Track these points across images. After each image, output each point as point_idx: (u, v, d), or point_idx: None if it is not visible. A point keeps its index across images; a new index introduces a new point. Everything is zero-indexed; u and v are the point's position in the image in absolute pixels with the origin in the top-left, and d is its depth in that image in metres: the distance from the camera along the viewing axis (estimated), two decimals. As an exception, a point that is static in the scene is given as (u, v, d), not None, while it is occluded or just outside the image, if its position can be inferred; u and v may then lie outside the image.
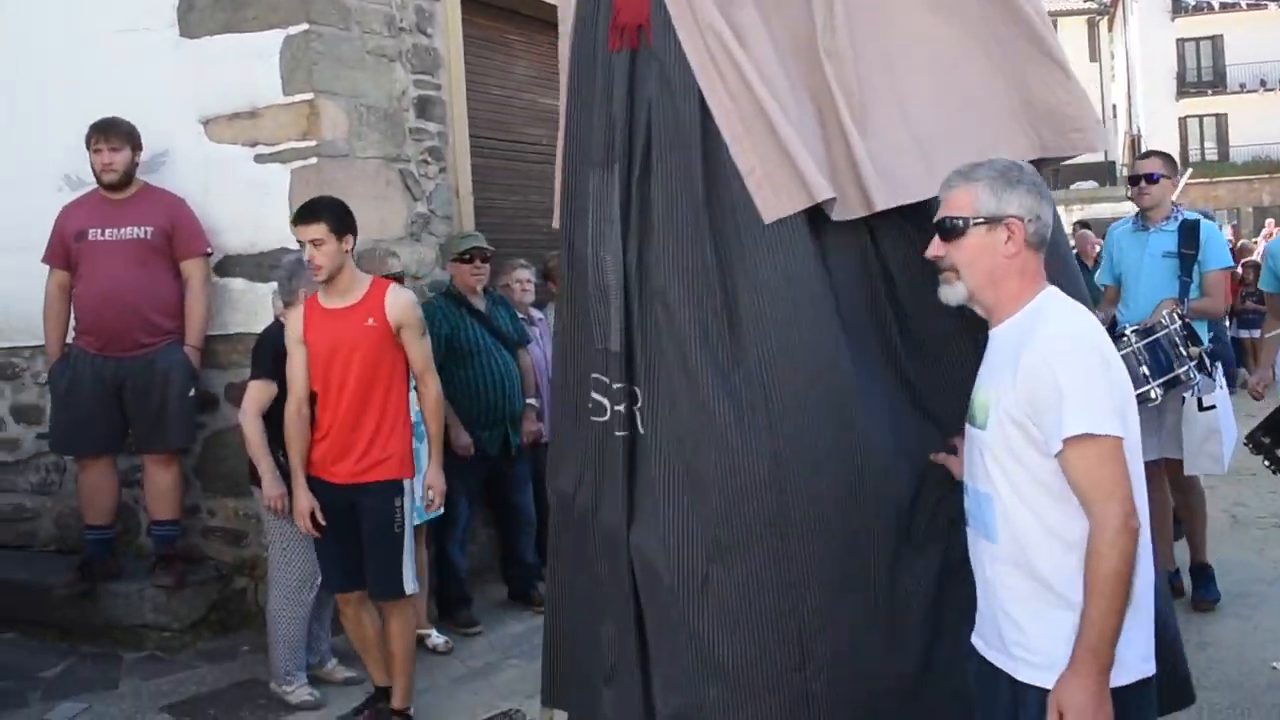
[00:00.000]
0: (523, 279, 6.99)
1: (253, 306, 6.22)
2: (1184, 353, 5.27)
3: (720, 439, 3.35)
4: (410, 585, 4.96)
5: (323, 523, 4.86)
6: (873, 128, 3.50)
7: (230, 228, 6.33)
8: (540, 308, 7.23)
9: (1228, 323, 10.78)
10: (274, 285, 5.69)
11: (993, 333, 2.86)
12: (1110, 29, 50.72)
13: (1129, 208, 6.67)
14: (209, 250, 6.27)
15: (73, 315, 6.26)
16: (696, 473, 3.41)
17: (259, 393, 5.22)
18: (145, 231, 6.09)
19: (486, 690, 5.55)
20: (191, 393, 6.15)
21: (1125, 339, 5.21)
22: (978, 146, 3.27)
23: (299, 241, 4.88)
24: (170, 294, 6.18)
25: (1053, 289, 2.83)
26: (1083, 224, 15.67)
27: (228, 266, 6.36)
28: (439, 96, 6.97)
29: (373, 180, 6.44)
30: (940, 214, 2.88)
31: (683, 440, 3.44)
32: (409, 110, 6.74)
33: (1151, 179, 6.10)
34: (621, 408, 3.57)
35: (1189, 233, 5.96)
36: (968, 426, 2.90)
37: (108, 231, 6.10)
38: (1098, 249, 10.04)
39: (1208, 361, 5.50)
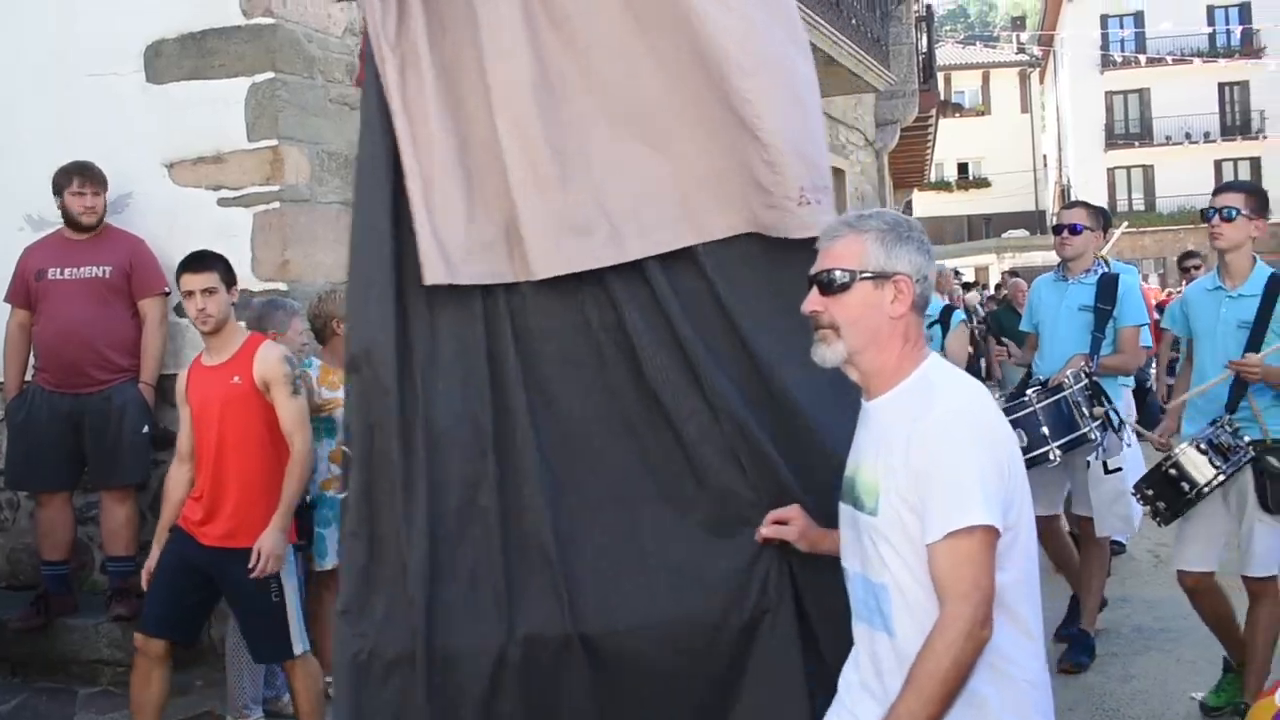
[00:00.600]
0: None
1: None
2: (1087, 412, 5.28)
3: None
4: (299, 646, 4.90)
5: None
6: (571, 182, 3.28)
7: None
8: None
9: (1154, 370, 11.16)
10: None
11: (872, 405, 2.64)
12: (1041, 81, 52.00)
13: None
14: (166, 290, 6.39)
15: (32, 354, 6.36)
16: None
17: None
18: (104, 271, 6.22)
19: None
20: (145, 429, 6.25)
21: (1026, 399, 5.28)
22: (678, 213, 3.23)
23: (184, 292, 4.86)
24: (127, 332, 6.30)
25: (934, 356, 2.64)
26: (1013, 272, 16.13)
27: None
28: (398, 144, 7.16)
29: (333, 224, 6.60)
30: (821, 265, 2.63)
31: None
32: (369, 156, 6.92)
33: (1074, 230, 6.04)
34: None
35: (1107, 287, 5.90)
36: (847, 508, 2.68)
37: (67, 271, 6.22)
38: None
39: (1115, 420, 5.48)
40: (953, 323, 7.49)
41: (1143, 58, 42.15)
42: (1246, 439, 4.83)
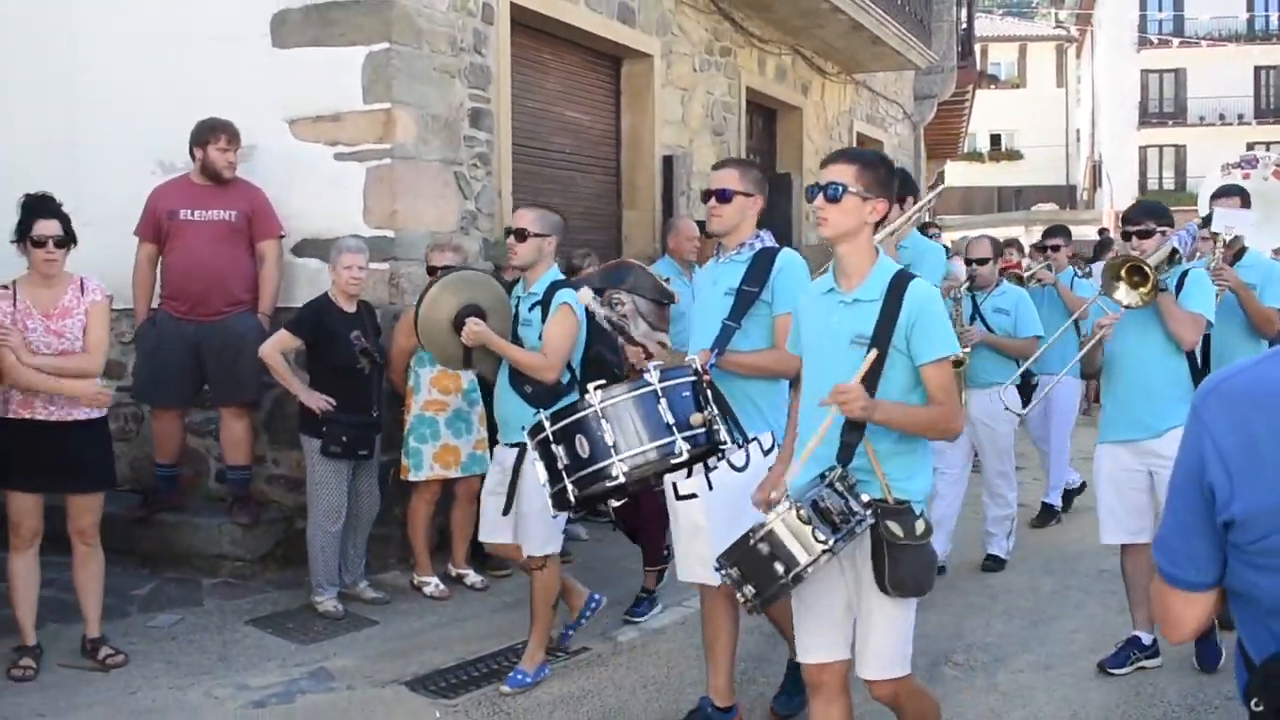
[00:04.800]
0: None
1: (326, 284, 7.15)
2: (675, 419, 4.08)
3: None
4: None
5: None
6: None
7: (308, 214, 7.27)
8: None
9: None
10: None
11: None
12: (1078, 56, 52.19)
13: (1089, 231, 7.32)
14: (283, 233, 7.20)
15: (158, 283, 7.18)
16: None
17: (282, 337, 6.44)
18: (230, 215, 7.02)
19: (521, 619, 6.51)
20: None
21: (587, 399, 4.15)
22: None
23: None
24: (247, 269, 7.11)
25: None
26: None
27: (304, 248, 7.30)
28: (488, 109, 7.94)
29: (434, 180, 7.40)
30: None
31: None
32: (464, 120, 7.71)
33: (723, 196, 4.69)
34: None
35: (759, 266, 4.69)
36: None
37: (197, 213, 7.02)
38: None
39: (724, 432, 4.21)
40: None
41: (1175, 40, 42.40)
42: (865, 498, 3.64)
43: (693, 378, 4.16)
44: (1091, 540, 6.47)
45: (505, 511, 5.41)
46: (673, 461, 4.10)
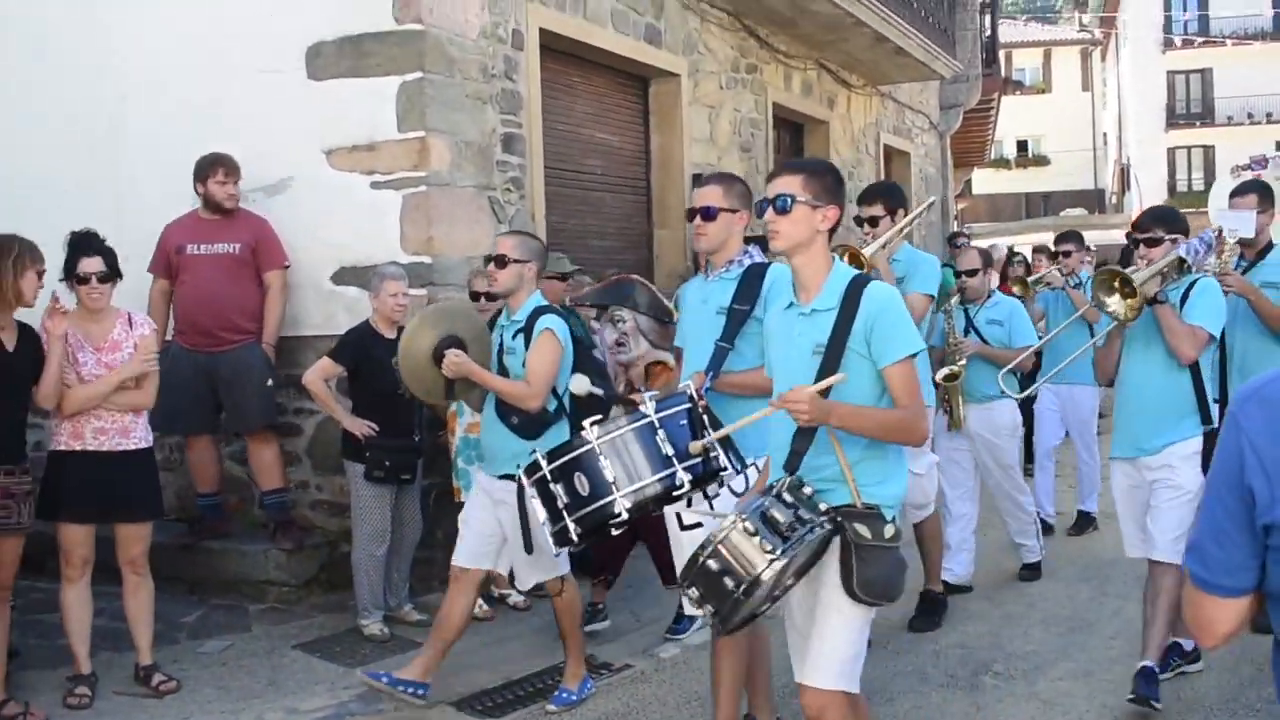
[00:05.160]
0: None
1: (365, 311, 7.27)
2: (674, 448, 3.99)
3: None
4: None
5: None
6: None
7: (346, 243, 7.38)
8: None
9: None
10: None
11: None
12: (1103, 59, 52.00)
13: (1117, 235, 7.07)
14: (287, 264, 7.33)
15: (171, 316, 7.32)
16: None
17: (324, 364, 6.52)
18: (234, 247, 7.16)
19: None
20: (270, 382, 7.19)
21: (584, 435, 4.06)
22: None
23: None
24: (253, 300, 7.25)
25: None
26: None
27: (343, 276, 7.42)
28: (520, 133, 8.05)
29: (468, 206, 7.52)
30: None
31: None
32: (496, 145, 7.83)
33: (707, 214, 4.64)
34: None
35: (750, 282, 4.65)
36: None
37: (203, 246, 7.19)
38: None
39: (722, 459, 4.11)
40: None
41: (1197, 40, 42.26)
42: (823, 506, 3.61)
43: (688, 405, 4.06)
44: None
45: (528, 550, 5.10)
46: (675, 493, 4.00)
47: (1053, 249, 10.04)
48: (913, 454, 5.85)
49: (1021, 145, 50.13)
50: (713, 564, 3.51)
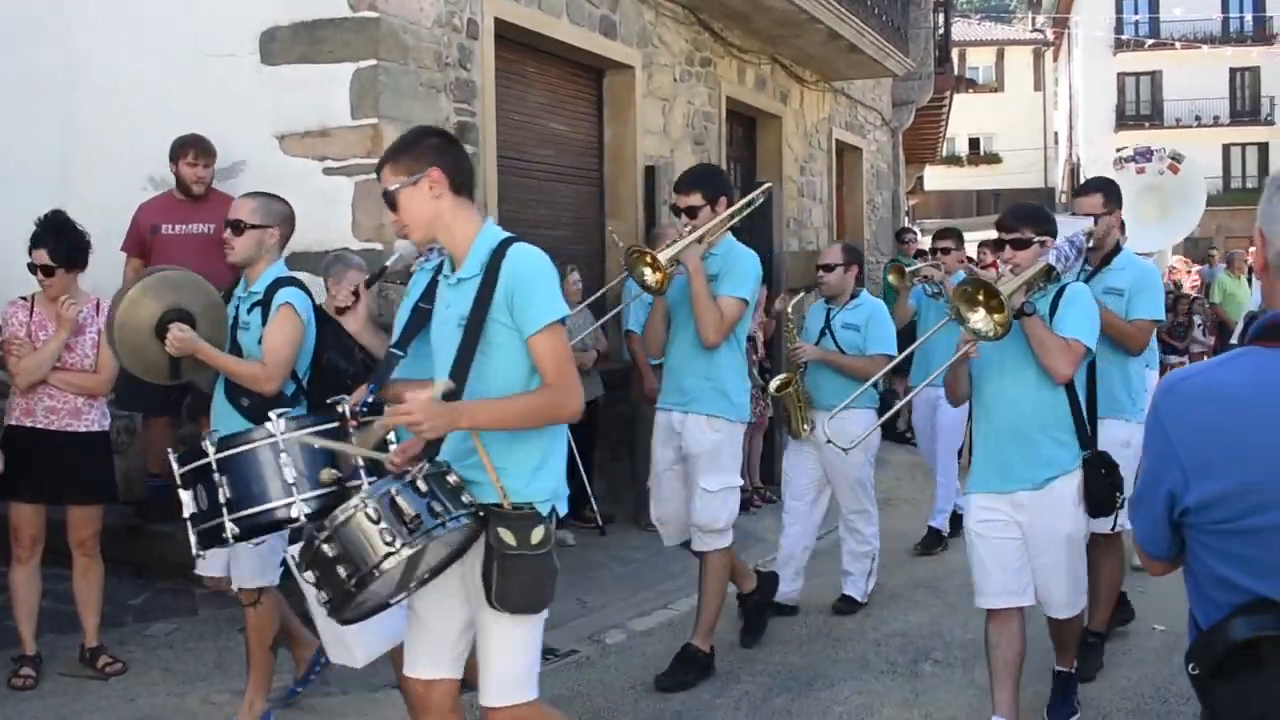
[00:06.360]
0: (571, 281, 8.16)
1: (318, 296, 7.28)
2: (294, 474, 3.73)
3: None
4: None
5: None
6: None
7: (299, 228, 7.36)
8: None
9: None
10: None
11: None
12: (1055, 59, 52.54)
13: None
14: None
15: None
16: None
17: None
18: (209, 228, 7.14)
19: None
20: None
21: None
22: None
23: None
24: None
25: None
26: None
27: (294, 262, 7.38)
28: (474, 123, 8.08)
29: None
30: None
31: None
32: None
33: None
34: None
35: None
36: None
37: (178, 227, 7.17)
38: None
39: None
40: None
41: (1148, 42, 42.84)
42: (467, 498, 3.31)
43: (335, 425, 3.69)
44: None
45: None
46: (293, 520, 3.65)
47: (932, 244, 9.27)
48: (707, 467, 5.66)
49: (974, 143, 50.57)
50: (328, 549, 3.21)
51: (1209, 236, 40.18)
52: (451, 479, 3.30)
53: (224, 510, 3.62)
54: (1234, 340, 5.93)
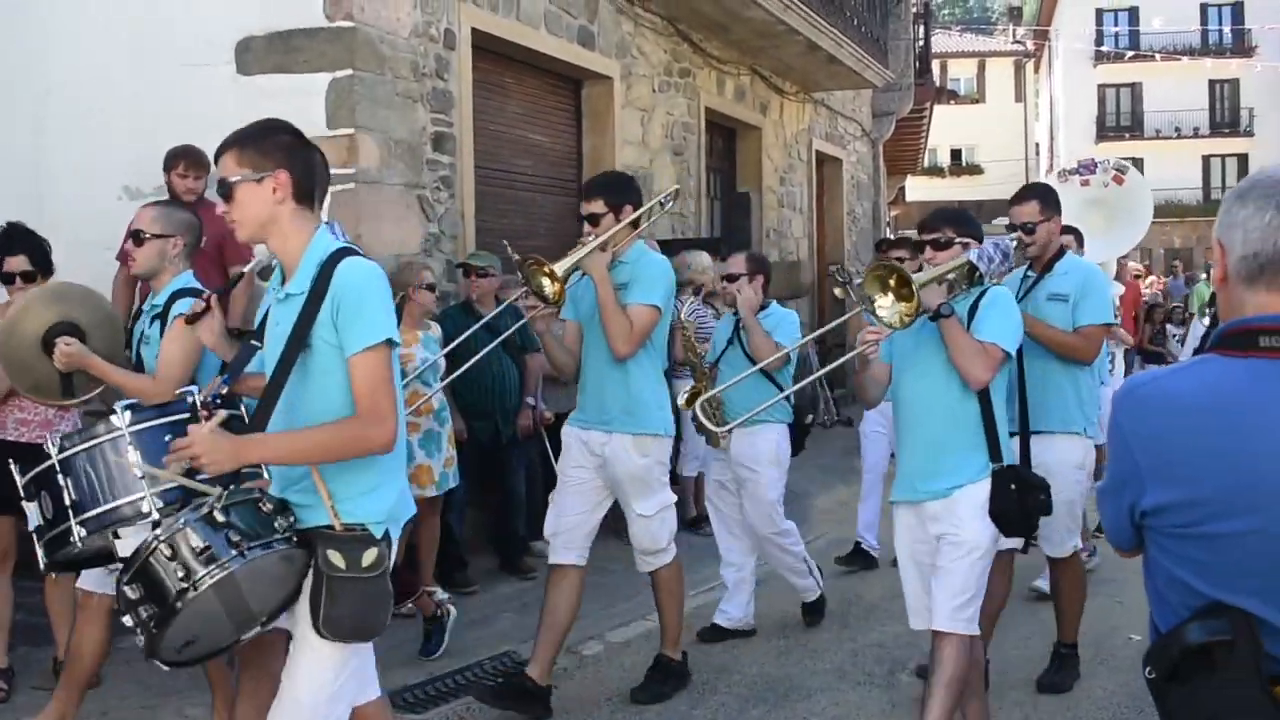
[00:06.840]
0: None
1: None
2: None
3: None
4: None
5: None
6: None
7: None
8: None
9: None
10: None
11: None
12: (1036, 71, 52.80)
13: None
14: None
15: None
16: None
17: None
18: (202, 240, 7.12)
19: (487, 636, 6.63)
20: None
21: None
22: None
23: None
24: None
25: None
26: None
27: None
28: (451, 133, 8.08)
29: (396, 204, 7.53)
30: None
31: None
32: (427, 144, 7.84)
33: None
34: None
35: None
36: None
37: None
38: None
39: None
40: None
41: (1128, 54, 43.10)
42: (281, 523, 3.13)
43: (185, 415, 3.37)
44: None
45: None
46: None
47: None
48: (638, 492, 5.44)
49: (955, 154, 50.78)
50: (129, 592, 3.01)
51: (1189, 248, 40.56)
52: (266, 506, 3.12)
53: (69, 513, 3.29)
54: (1195, 348, 5.87)
